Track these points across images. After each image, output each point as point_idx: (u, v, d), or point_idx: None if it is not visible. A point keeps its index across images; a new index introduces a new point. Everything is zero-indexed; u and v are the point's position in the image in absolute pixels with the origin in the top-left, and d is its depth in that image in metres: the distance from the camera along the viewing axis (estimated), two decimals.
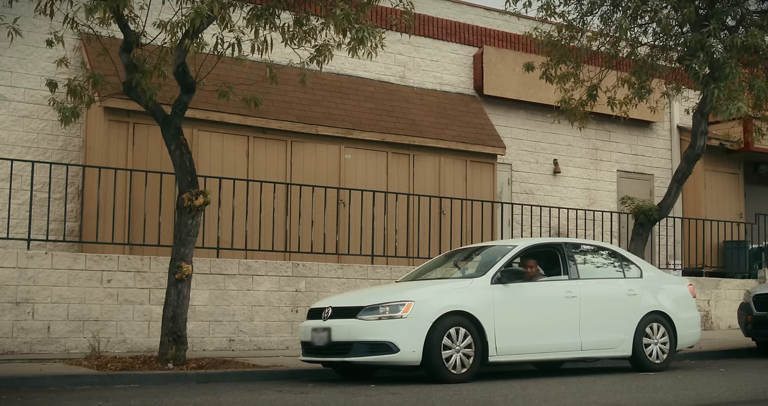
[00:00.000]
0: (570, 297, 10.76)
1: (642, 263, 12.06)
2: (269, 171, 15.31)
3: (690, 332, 11.86)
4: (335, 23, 10.20)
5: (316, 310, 10.54)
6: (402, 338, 9.50)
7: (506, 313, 10.15)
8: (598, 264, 11.75)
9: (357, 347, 9.66)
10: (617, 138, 20.85)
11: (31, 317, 11.70)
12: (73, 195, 14.29)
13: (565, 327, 10.67)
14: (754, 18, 13.57)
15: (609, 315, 11.07)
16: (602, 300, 11.10)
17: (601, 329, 10.94)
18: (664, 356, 11.42)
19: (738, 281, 18.88)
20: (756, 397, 8.56)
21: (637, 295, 11.38)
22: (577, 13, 14.38)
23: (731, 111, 12.71)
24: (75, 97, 11.26)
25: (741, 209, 22.00)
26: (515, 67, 18.38)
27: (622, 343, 11.09)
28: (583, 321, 10.77)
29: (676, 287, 12.04)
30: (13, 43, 11.63)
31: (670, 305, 11.64)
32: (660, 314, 11.45)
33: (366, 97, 17.11)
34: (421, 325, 9.57)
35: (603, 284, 11.36)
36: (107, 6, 9.79)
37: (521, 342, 10.26)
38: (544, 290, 10.80)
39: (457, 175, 17.43)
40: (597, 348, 10.92)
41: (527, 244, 11.10)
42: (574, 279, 11.01)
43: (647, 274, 11.81)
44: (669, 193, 14.32)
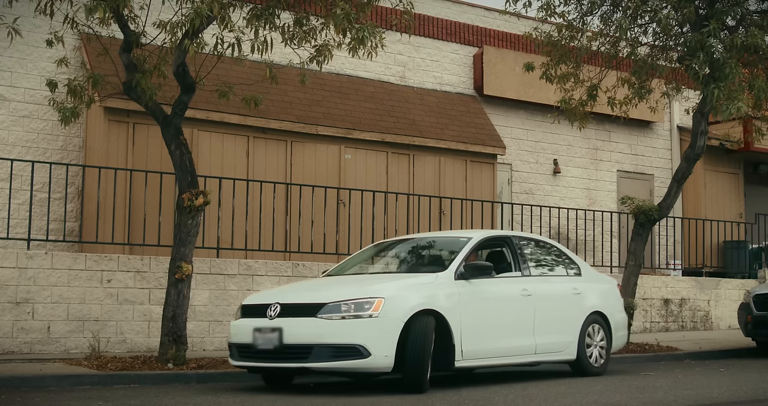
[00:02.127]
0: (526, 296, 10.00)
1: (578, 259, 11.47)
2: (269, 171, 15.31)
3: (621, 335, 11.34)
4: (335, 23, 10.20)
5: (255, 307, 9.19)
6: (373, 341, 8.40)
7: (471, 312, 9.23)
8: (544, 260, 11.06)
9: (319, 352, 8.45)
10: (617, 138, 20.85)
11: (31, 317, 11.70)
12: (73, 195, 14.29)
13: (522, 329, 9.94)
14: (754, 18, 13.56)
15: (559, 316, 10.38)
16: (553, 299, 10.41)
17: (552, 330, 10.23)
18: (602, 360, 10.81)
19: (738, 281, 18.88)
20: (756, 397, 8.56)
21: (581, 294, 10.77)
22: (577, 13, 14.37)
23: (731, 111, 12.70)
24: (75, 97, 11.26)
25: (741, 209, 22.01)
26: (515, 67, 18.38)
27: (569, 346, 10.41)
28: (537, 322, 10.07)
29: (609, 287, 11.50)
30: (13, 43, 11.63)
31: (607, 305, 11.10)
32: (599, 315, 10.88)
33: (366, 97, 17.11)
34: (393, 326, 8.50)
35: (553, 282, 10.71)
36: (107, 6, 9.79)
37: (486, 345, 9.41)
38: (504, 287, 9.96)
39: (457, 175, 17.43)
40: (548, 351, 10.21)
41: (483, 236, 10.28)
42: (527, 276, 10.31)
43: (585, 271, 11.28)
44: (669, 193, 14.32)
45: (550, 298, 10.32)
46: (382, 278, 9.68)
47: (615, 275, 17.09)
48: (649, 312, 17.21)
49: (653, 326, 17.19)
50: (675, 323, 17.58)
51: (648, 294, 17.16)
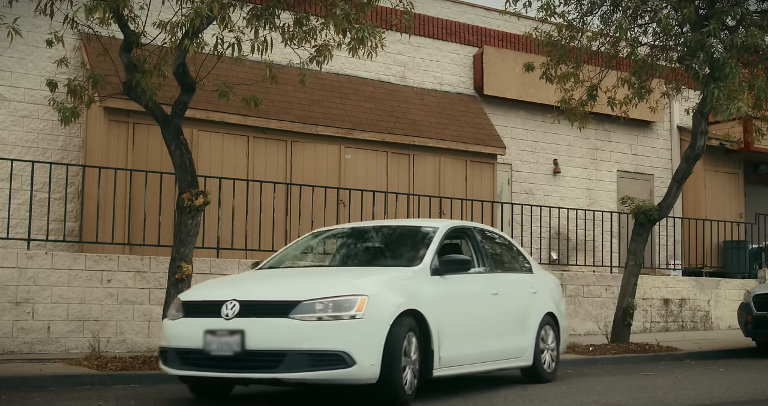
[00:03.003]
0: (493, 295, 9.09)
1: (528, 255, 10.70)
2: (269, 171, 15.31)
3: (565, 338, 10.69)
4: (335, 23, 10.20)
5: (202, 304, 7.80)
6: (358, 347, 7.18)
7: (448, 313, 8.25)
8: (502, 255, 10.22)
9: (293, 359, 7.14)
10: (617, 138, 20.86)
11: (31, 317, 11.70)
12: (73, 195, 14.29)
13: (491, 332, 9.02)
14: (754, 18, 13.57)
15: (520, 318, 9.53)
16: (516, 299, 9.59)
17: (514, 334, 9.37)
18: (554, 366, 10.02)
19: (738, 281, 18.88)
20: (756, 397, 8.56)
21: (537, 293, 9.96)
22: (577, 13, 14.38)
23: (731, 111, 12.70)
24: (75, 97, 11.26)
25: (741, 209, 22.01)
26: (515, 67, 18.38)
27: (526, 351, 9.51)
28: (503, 325, 9.21)
29: (557, 286, 10.78)
30: (13, 43, 11.62)
31: (557, 306, 10.37)
32: (551, 317, 10.10)
33: (366, 97, 17.11)
34: (378, 329, 7.32)
35: (513, 280, 9.86)
36: (107, 6, 9.79)
37: (462, 350, 8.44)
38: (475, 285, 9.03)
39: (457, 175, 17.43)
40: (510, 357, 9.28)
41: (449, 225, 9.21)
42: (490, 272, 9.38)
43: (535, 269, 10.46)
44: (669, 193, 14.32)
45: (513, 298, 9.52)
46: (355, 272, 8.39)
47: (615, 275, 17.11)
48: (649, 312, 17.21)
49: (653, 326, 17.19)
50: (675, 323, 17.58)
51: (648, 294, 17.17)
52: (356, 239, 9.53)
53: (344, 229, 9.81)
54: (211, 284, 8.69)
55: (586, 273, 17.28)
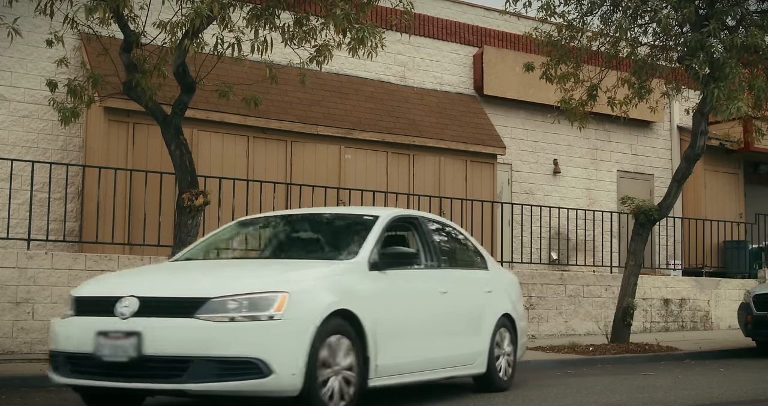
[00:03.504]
0: (442, 294, 8.08)
1: (484, 250, 9.58)
2: (269, 171, 15.31)
3: (524, 342, 9.74)
4: (335, 23, 10.20)
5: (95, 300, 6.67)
6: (276, 353, 6.13)
7: (387, 314, 7.19)
8: (454, 248, 9.19)
9: (199, 367, 6.06)
10: (617, 138, 20.86)
11: (31, 317, 11.70)
12: (73, 195, 14.29)
13: (439, 336, 8.01)
14: (754, 18, 13.56)
15: (472, 320, 8.56)
16: (468, 299, 8.62)
17: (465, 338, 8.41)
18: (510, 371, 9.08)
19: (738, 281, 18.88)
20: (756, 397, 8.56)
21: (492, 292, 8.98)
22: (577, 13, 14.37)
23: (731, 111, 12.70)
24: (75, 97, 11.27)
25: (741, 209, 22.01)
26: (515, 67, 18.38)
27: (479, 356, 8.54)
28: (453, 328, 8.23)
29: (514, 285, 9.79)
30: (13, 43, 11.63)
31: (515, 306, 9.40)
32: (508, 318, 9.14)
33: (366, 97, 17.11)
34: (301, 332, 6.26)
35: (465, 277, 8.86)
36: (107, 6, 9.80)
37: (404, 357, 7.41)
38: (421, 282, 8.01)
39: (457, 175, 17.43)
40: (460, 364, 8.32)
41: (392, 214, 8.11)
42: (439, 268, 8.34)
43: (491, 265, 9.42)
44: (669, 193, 14.32)
45: (465, 297, 8.52)
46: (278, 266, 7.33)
47: (615, 275, 17.11)
48: (649, 312, 17.21)
49: (653, 326, 17.19)
50: (675, 323, 17.58)
51: (648, 294, 17.17)
52: (288, 228, 8.44)
53: (275, 217, 8.64)
54: (108, 277, 7.54)
55: (586, 273, 17.28)
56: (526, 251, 17.73)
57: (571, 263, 18.60)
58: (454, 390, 8.95)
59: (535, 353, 12.86)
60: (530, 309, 15.59)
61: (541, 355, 12.62)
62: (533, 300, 15.67)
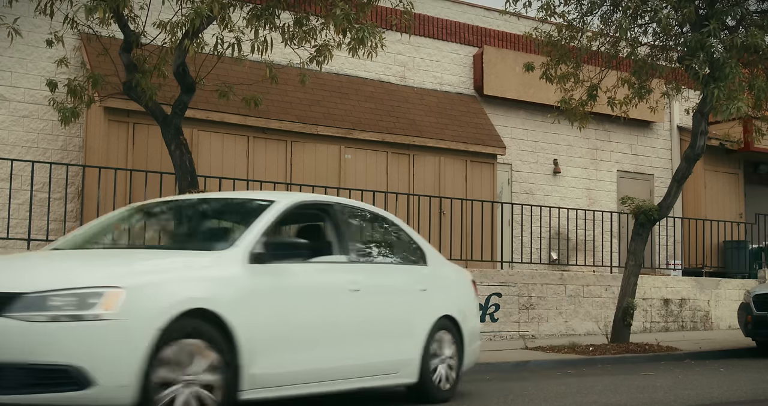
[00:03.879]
0: (353, 291, 7.03)
1: (425, 243, 8.53)
2: (269, 171, 15.31)
3: (476, 347, 8.73)
4: (335, 23, 10.21)
5: None
6: (99, 360, 5.23)
7: (268, 315, 6.21)
8: (380, 241, 8.29)
9: (11, 375, 5.23)
10: (617, 138, 20.86)
11: None
12: (73, 195, 14.29)
13: (347, 340, 6.97)
14: (754, 18, 13.56)
15: (398, 321, 7.55)
16: (391, 298, 7.59)
17: (387, 342, 7.38)
18: (451, 381, 8.02)
19: (738, 281, 18.88)
20: (756, 397, 8.56)
21: (428, 291, 7.95)
22: (577, 13, 14.38)
23: (731, 111, 12.70)
24: (75, 97, 11.27)
25: (741, 209, 22.01)
26: (515, 67, 18.38)
27: (409, 364, 7.52)
28: (367, 330, 7.20)
29: (462, 282, 8.74)
30: (13, 43, 11.63)
31: (460, 307, 8.35)
32: (450, 321, 8.10)
33: (366, 97, 17.11)
34: (138, 334, 5.36)
35: (391, 273, 7.87)
36: (107, 6, 9.80)
37: (290, 365, 6.39)
38: (322, 277, 6.95)
39: (457, 175, 17.43)
40: (381, 372, 7.32)
41: (293, 200, 7.16)
42: (355, 262, 7.33)
43: (432, 260, 8.41)
44: (669, 193, 14.32)
45: (386, 295, 7.52)
46: (135, 256, 6.47)
47: (615, 275, 17.11)
48: (649, 312, 17.21)
49: (653, 326, 17.19)
50: (675, 323, 17.58)
51: (648, 294, 17.17)
52: (180, 214, 7.65)
53: (170, 201, 7.86)
54: None
55: (586, 273, 17.28)
56: (526, 251, 17.73)
57: (571, 263, 18.60)
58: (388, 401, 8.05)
59: (535, 353, 12.88)
60: (530, 309, 15.59)
61: (541, 355, 12.63)
62: (533, 300, 15.68)
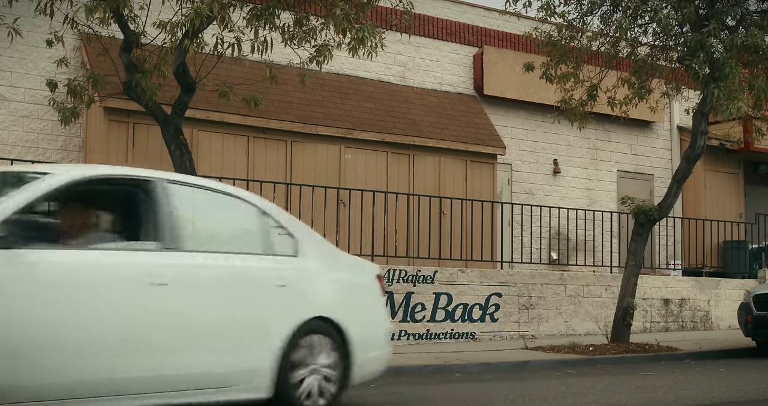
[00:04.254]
0: (156, 285, 5.84)
1: (302, 232, 7.16)
2: (269, 171, 15.32)
3: (373, 355, 7.30)
4: (335, 23, 10.21)
5: None
6: None
7: (15, 313, 5.18)
8: (222, 226, 6.89)
9: None
10: (617, 138, 20.86)
11: None
12: None
13: (144, 345, 5.76)
14: (754, 18, 13.57)
15: (234, 322, 6.31)
16: (223, 294, 6.29)
17: (217, 348, 6.16)
18: (332, 393, 6.78)
19: (738, 281, 18.88)
20: (756, 397, 8.57)
21: (288, 287, 6.70)
22: (577, 13, 14.38)
23: (731, 111, 12.70)
24: (75, 97, 11.28)
25: (741, 209, 22.01)
26: (515, 67, 18.38)
27: (256, 375, 6.32)
28: (180, 334, 5.97)
29: (357, 279, 7.47)
30: (13, 43, 11.64)
31: (345, 306, 7.07)
32: (328, 323, 6.84)
33: (366, 97, 17.12)
34: None
35: (230, 264, 6.46)
36: (107, 6, 9.81)
37: (50, 376, 5.29)
38: (101, 267, 5.68)
39: (457, 175, 17.43)
40: (208, 386, 6.08)
41: (75, 175, 5.83)
42: (170, 250, 6.04)
43: (309, 250, 7.07)
44: (669, 193, 14.32)
45: (214, 291, 6.23)
46: None
47: (615, 275, 17.11)
48: (649, 312, 17.21)
49: (653, 326, 17.19)
50: (675, 323, 17.58)
51: (648, 294, 17.16)
52: None
53: None
54: None
55: (586, 273, 17.28)
56: (526, 251, 17.74)
57: (571, 263, 18.60)
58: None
59: (535, 353, 12.88)
60: (530, 309, 15.59)
61: (541, 355, 12.63)
62: (533, 300, 15.68)
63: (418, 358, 12.06)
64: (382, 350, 7.44)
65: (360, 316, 7.18)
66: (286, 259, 6.90)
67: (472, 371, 11.21)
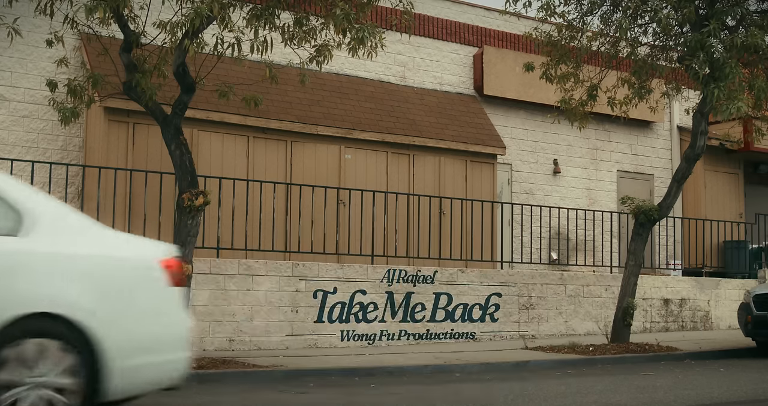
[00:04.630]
0: None
1: (40, 207, 5.70)
2: (269, 171, 15.32)
3: (148, 360, 5.87)
4: (335, 23, 10.21)
5: None
6: None
7: None
8: None
9: None
10: (617, 138, 20.86)
11: None
12: (73, 195, 14.29)
13: None
14: (754, 18, 13.57)
15: None
16: None
17: None
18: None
19: (738, 281, 18.88)
20: (756, 397, 8.57)
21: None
22: (577, 13, 14.39)
23: (731, 111, 12.71)
24: (75, 97, 11.28)
25: (741, 209, 22.01)
26: (515, 67, 18.38)
27: None
28: None
29: (121, 264, 5.94)
30: (13, 43, 11.63)
31: (93, 301, 5.56)
32: (62, 322, 5.39)
33: (366, 97, 17.12)
34: None
35: None
36: (107, 6, 9.80)
37: None
38: None
39: (457, 175, 17.43)
40: None
41: None
42: None
43: (42, 230, 5.61)
44: (669, 193, 14.32)
45: None
46: None
47: (615, 275, 17.11)
48: (649, 312, 17.21)
49: (653, 326, 17.19)
50: (675, 323, 17.58)
51: (648, 294, 17.17)
52: None
53: None
54: None
55: (586, 273, 17.28)
56: (526, 251, 17.74)
57: (571, 263, 18.60)
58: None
59: (535, 353, 12.88)
60: (530, 309, 15.59)
61: (541, 355, 12.63)
62: (533, 300, 15.68)
63: (418, 358, 12.07)
64: (165, 354, 5.99)
65: (123, 312, 5.75)
66: (5, 238, 5.45)
67: (472, 371, 11.22)
